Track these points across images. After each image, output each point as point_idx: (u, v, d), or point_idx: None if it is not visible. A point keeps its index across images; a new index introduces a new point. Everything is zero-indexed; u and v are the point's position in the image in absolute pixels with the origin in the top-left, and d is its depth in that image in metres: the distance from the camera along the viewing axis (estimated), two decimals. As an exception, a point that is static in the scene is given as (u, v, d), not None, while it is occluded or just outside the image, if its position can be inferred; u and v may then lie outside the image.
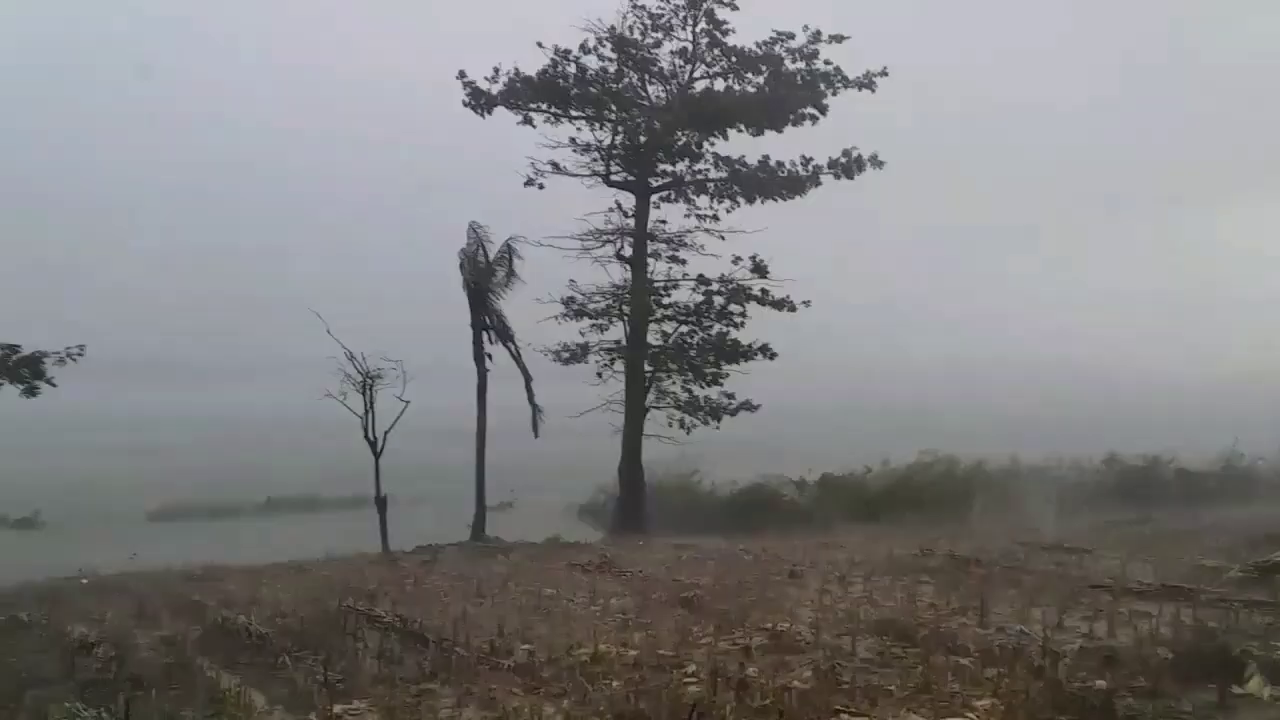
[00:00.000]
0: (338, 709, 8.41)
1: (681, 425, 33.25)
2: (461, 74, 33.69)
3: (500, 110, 33.86)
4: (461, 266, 30.73)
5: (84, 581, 20.61)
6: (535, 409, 31.02)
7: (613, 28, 32.97)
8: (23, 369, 26.68)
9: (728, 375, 33.44)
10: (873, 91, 33.28)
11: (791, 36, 33.31)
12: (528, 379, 30.95)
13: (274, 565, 21.91)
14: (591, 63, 33.45)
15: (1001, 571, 14.96)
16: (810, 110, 33.43)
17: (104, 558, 23.21)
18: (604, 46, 33.24)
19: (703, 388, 33.62)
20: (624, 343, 33.94)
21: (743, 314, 33.62)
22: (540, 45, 33.20)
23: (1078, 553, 16.90)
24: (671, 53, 33.85)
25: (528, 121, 33.81)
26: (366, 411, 28.78)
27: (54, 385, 26.92)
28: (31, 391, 26.91)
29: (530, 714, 7.79)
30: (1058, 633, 10.36)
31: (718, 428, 33.21)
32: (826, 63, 33.16)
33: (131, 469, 54.83)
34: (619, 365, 33.94)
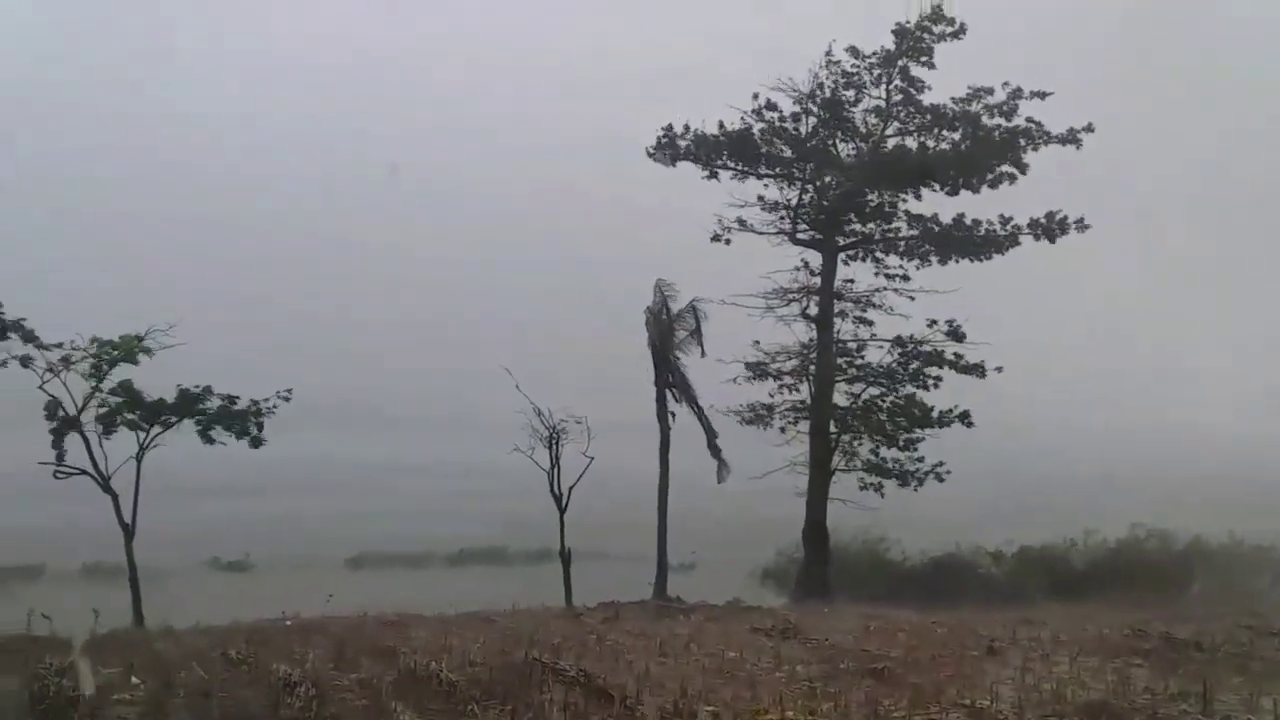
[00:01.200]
0: (524, 760, 8.40)
1: (876, 489, 32.41)
2: (668, 127, 33.92)
3: (684, 164, 34.21)
4: (647, 324, 31.00)
5: (288, 623, 21.61)
6: (720, 461, 30.81)
7: (820, 84, 32.98)
8: (247, 420, 28.55)
9: (922, 439, 32.46)
10: (1078, 148, 32.11)
11: (990, 92, 32.53)
12: (711, 434, 30.84)
13: (463, 615, 22.41)
14: (785, 123, 33.55)
15: (1225, 657, 13.71)
16: (1008, 168, 32.47)
17: (305, 601, 24.34)
18: (802, 104, 33.25)
19: (897, 449, 32.74)
20: (809, 403, 33.46)
21: (938, 378, 32.70)
22: (734, 107, 33.46)
23: (1314, 639, 15.37)
24: (864, 110, 33.62)
25: (713, 176, 34.10)
26: (552, 466, 29.28)
27: (261, 440, 28.70)
28: (256, 443, 28.73)
29: (716, 779, 7.56)
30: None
31: (916, 490, 32.17)
32: (1028, 120, 32.19)
33: (331, 515, 57.62)
34: (803, 426, 33.46)
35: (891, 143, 33.64)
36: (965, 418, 32.18)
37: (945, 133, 33.11)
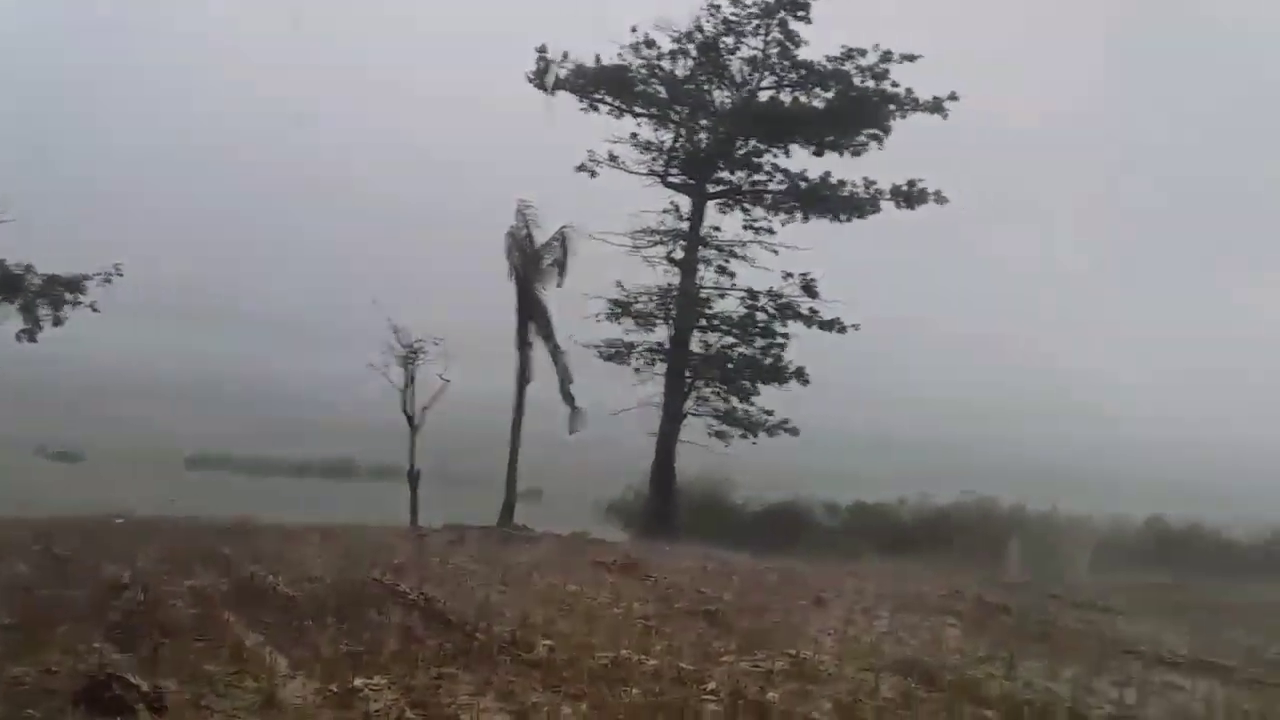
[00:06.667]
0: (358, 681, 8.45)
1: (720, 436, 33.15)
2: (542, 49, 33.34)
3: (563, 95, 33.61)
4: (508, 252, 30.22)
5: (119, 521, 20.95)
6: (573, 409, 30.86)
7: (699, 27, 32.94)
8: (59, 289, 26.71)
9: (757, 393, 33.19)
10: (944, 117, 32.86)
11: (863, 54, 32.94)
12: (566, 379, 30.77)
13: (304, 526, 22.12)
14: (663, 62, 33.47)
15: (1031, 624, 14.70)
16: (874, 131, 33.08)
17: (140, 499, 23.61)
18: (681, 44, 33.18)
19: (740, 402, 33.47)
20: (667, 346, 33.88)
21: (785, 334, 33.40)
22: (614, 41, 33.14)
23: (1110, 613, 16.57)
24: (741, 59, 33.77)
25: (593, 108, 33.83)
26: (407, 386, 28.93)
27: (96, 311, 27.11)
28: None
29: (548, 713, 7.77)
30: (1086, 695, 10.11)
31: (754, 443, 33.02)
32: (894, 84, 32.80)
33: (172, 413, 55.58)
34: (660, 367, 33.90)
35: (766, 95, 33.88)
36: (800, 374, 32.97)
37: (818, 90, 33.49)
